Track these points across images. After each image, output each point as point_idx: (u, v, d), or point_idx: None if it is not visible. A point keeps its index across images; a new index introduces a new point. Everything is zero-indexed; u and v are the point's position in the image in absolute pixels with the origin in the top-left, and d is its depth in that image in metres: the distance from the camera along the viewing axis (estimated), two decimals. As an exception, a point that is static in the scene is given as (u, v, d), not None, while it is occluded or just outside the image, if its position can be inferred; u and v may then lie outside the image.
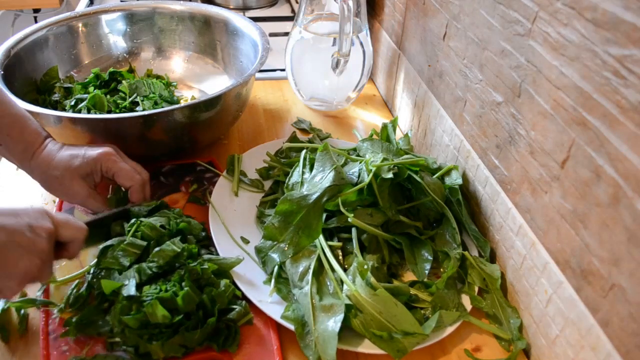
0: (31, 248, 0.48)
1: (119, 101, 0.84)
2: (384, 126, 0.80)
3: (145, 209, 0.64)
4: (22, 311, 0.57)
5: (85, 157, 0.62)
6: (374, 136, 0.81)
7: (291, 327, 0.54)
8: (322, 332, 0.52)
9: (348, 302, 0.53)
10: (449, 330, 0.56)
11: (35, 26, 0.86)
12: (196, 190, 0.74)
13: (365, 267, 0.55)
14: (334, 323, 0.52)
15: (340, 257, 0.61)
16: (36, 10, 1.90)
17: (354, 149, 0.76)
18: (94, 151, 0.63)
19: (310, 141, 0.83)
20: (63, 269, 0.62)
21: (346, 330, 0.53)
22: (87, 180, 0.64)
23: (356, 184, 0.63)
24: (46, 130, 0.65)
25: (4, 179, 0.77)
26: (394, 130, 0.79)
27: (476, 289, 0.60)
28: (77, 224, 0.54)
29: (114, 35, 0.98)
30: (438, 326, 0.55)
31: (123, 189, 0.67)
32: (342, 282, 0.56)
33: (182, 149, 0.78)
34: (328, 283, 0.57)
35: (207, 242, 0.64)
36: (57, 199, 0.72)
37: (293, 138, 0.82)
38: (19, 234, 0.48)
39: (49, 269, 0.51)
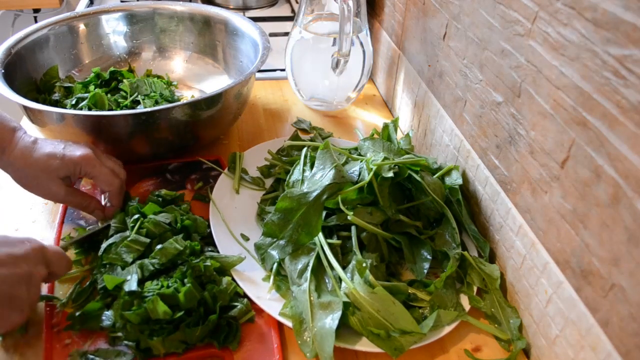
0: (27, 303, 0.48)
1: (120, 100, 0.84)
2: (385, 126, 0.80)
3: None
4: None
5: (64, 159, 0.60)
6: (375, 136, 0.81)
7: (289, 323, 0.54)
8: (320, 330, 0.52)
9: (346, 299, 0.53)
10: (447, 329, 0.56)
11: (35, 26, 0.86)
12: (201, 188, 0.74)
13: (364, 265, 0.55)
14: (331, 320, 0.52)
15: (340, 255, 0.60)
16: (36, 10, 1.89)
17: (355, 148, 0.76)
18: (74, 153, 0.61)
19: (311, 140, 0.83)
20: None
21: (344, 328, 0.53)
22: (65, 180, 0.62)
23: (356, 183, 0.63)
24: (16, 122, 0.63)
25: (4, 179, 0.77)
26: (395, 130, 0.80)
27: (475, 288, 0.60)
28: (66, 261, 0.55)
29: (114, 35, 0.98)
30: (436, 325, 0.55)
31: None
32: (340, 279, 0.56)
33: (183, 148, 0.78)
34: (327, 280, 0.57)
35: (210, 240, 0.64)
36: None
37: (295, 136, 0.82)
38: (18, 288, 0.47)
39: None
